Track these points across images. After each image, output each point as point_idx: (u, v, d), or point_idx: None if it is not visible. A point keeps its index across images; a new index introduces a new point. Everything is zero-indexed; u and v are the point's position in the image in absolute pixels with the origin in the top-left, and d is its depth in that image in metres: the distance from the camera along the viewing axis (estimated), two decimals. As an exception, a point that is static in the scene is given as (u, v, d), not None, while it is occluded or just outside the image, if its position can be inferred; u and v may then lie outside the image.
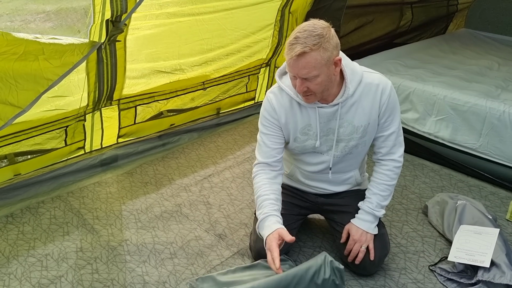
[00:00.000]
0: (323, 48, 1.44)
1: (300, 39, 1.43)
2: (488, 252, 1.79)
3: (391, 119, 1.69)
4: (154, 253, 1.90)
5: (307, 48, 1.42)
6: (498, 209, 2.29)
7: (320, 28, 1.45)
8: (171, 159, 2.68)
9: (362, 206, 1.76)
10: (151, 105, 2.72)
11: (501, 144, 2.50)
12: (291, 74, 1.53)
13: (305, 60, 1.44)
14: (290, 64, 1.48)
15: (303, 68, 1.46)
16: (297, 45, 1.43)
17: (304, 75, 1.48)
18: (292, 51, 1.44)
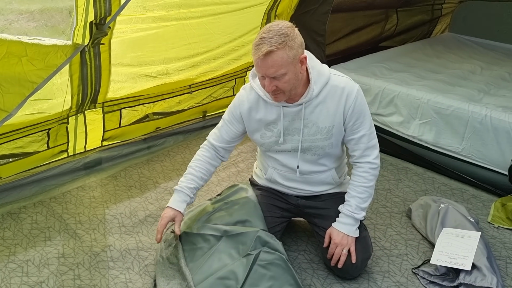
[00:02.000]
0: (288, 46, 1.50)
1: (266, 39, 1.48)
2: (470, 255, 1.82)
3: (360, 122, 1.71)
4: (138, 260, 1.88)
5: (273, 47, 1.47)
6: (480, 211, 2.32)
7: (284, 28, 1.51)
8: (156, 162, 2.66)
9: (342, 210, 1.78)
10: (136, 108, 2.70)
11: (483, 147, 2.54)
12: (259, 74, 1.57)
13: (272, 59, 1.49)
14: (258, 64, 1.52)
15: (271, 67, 1.50)
16: (263, 45, 1.47)
17: (272, 74, 1.52)
18: (258, 51, 1.48)
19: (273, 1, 2.97)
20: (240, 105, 1.76)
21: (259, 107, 1.74)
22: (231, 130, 1.83)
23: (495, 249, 2.05)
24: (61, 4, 2.32)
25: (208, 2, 2.59)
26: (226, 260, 1.63)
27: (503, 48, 4.33)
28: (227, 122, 1.82)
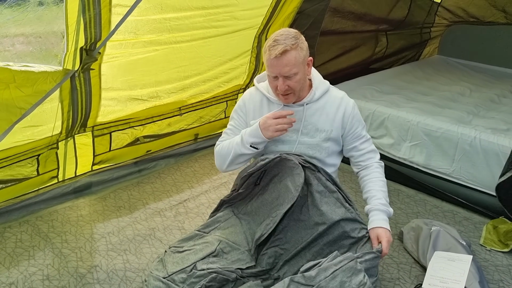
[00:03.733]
0: (300, 47, 1.64)
1: (280, 41, 1.61)
2: (462, 279, 1.80)
3: (360, 129, 1.85)
4: (125, 281, 1.85)
5: (288, 47, 1.61)
6: (472, 234, 2.31)
7: (293, 32, 1.67)
8: (146, 184, 2.65)
9: (375, 206, 1.74)
10: (126, 131, 2.70)
11: (473, 169, 2.55)
12: (272, 75, 1.68)
13: (287, 58, 1.61)
14: (273, 64, 1.64)
15: (285, 66, 1.62)
16: (278, 46, 1.60)
17: (286, 73, 1.64)
18: (274, 51, 1.61)
19: (263, 25, 3.02)
20: (246, 103, 1.86)
21: (263, 106, 1.83)
22: (243, 126, 1.87)
23: (487, 272, 2.03)
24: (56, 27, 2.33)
25: (198, 26, 2.62)
26: None
27: (491, 70, 4.40)
28: (237, 121, 1.89)
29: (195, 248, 1.80)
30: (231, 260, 1.73)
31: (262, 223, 1.78)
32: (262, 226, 1.77)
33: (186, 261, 1.74)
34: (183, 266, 1.71)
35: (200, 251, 1.77)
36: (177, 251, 1.82)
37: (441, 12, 4.64)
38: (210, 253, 1.74)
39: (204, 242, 1.82)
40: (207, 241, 1.81)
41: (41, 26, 2.18)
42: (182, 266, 1.72)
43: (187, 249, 1.81)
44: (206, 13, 2.60)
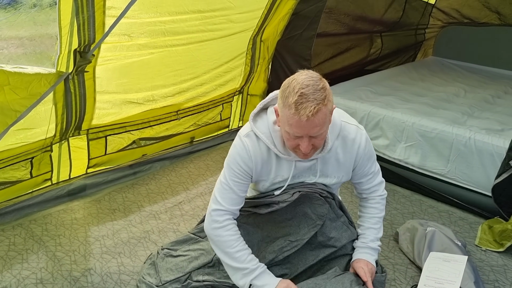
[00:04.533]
0: (328, 100, 1.36)
1: (309, 96, 1.32)
2: (457, 280, 1.80)
3: (369, 166, 1.68)
4: (120, 285, 1.84)
5: (320, 104, 1.32)
6: (467, 234, 2.32)
7: (318, 80, 1.37)
8: (141, 186, 2.64)
9: (357, 244, 1.72)
10: (122, 135, 2.69)
11: (468, 169, 2.55)
12: (294, 135, 1.39)
13: (318, 118, 1.33)
14: (301, 125, 1.34)
15: (316, 126, 1.35)
16: (308, 103, 1.31)
17: (315, 133, 1.38)
18: (304, 110, 1.31)
19: (258, 27, 3.02)
20: (251, 156, 1.53)
21: (271, 161, 1.56)
22: (244, 187, 1.59)
23: (483, 272, 2.04)
24: (50, 30, 2.32)
25: (194, 29, 2.62)
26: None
27: (486, 71, 4.42)
28: (237, 183, 1.56)
29: (190, 255, 1.77)
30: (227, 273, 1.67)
31: (275, 243, 1.68)
32: (276, 247, 1.67)
33: (180, 269, 1.72)
34: (178, 275, 1.70)
35: (196, 260, 1.74)
36: (170, 254, 1.80)
37: (435, 13, 4.66)
38: (206, 263, 1.72)
39: (199, 249, 1.79)
40: (203, 248, 1.78)
41: (35, 29, 2.17)
42: (177, 275, 1.70)
43: (181, 255, 1.79)
44: (202, 17, 2.60)
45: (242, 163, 1.53)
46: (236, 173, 1.55)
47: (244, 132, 1.55)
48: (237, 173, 1.55)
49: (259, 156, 1.53)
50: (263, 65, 3.29)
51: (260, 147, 1.53)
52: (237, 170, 1.54)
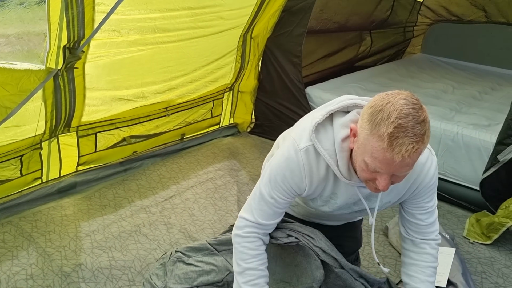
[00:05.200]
0: (427, 136, 1.09)
1: (408, 131, 1.05)
2: (445, 272, 1.83)
3: (427, 201, 1.39)
4: (111, 280, 1.84)
5: (419, 142, 1.06)
6: (455, 227, 2.36)
7: (420, 109, 1.08)
8: (132, 181, 2.64)
9: None
10: (112, 132, 2.68)
11: (456, 164, 2.59)
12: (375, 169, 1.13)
13: (413, 158, 1.07)
14: (390, 163, 1.08)
15: (406, 166, 1.10)
16: (406, 140, 1.04)
17: (402, 173, 1.14)
18: (399, 148, 1.05)
19: (248, 24, 3.03)
20: (305, 180, 1.28)
21: (328, 181, 1.31)
22: (286, 204, 1.37)
23: (470, 264, 2.07)
24: (38, 28, 2.31)
25: (184, 26, 2.62)
26: None
27: (473, 68, 4.48)
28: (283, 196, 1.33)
29: (201, 268, 1.72)
30: None
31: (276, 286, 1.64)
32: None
33: (188, 280, 1.69)
34: (184, 285, 1.67)
35: (206, 275, 1.70)
36: (182, 260, 1.76)
37: (424, 11, 4.71)
38: (215, 282, 1.69)
39: (212, 264, 1.73)
40: (216, 264, 1.73)
41: (22, 26, 2.15)
42: (183, 285, 1.67)
43: (193, 264, 1.74)
44: (193, 13, 2.60)
45: (293, 182, 1.29)
46: (281, 190, 1.31)
47: (302, 144, 1.26)
48: (283, 190, 1.31)
49: (315, 177, 1.28)
50: (253, 62, 3.30)
51: (319, 165, 1.27)
52: (284, 187, 1.31)
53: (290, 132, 1.40)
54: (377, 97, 1.12)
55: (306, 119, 1.34)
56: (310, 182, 1.29)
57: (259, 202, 1.35)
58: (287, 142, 1.32)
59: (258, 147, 3.25)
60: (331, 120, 1.25)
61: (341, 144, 1.22)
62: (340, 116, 1.25)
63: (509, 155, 2.18)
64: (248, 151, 3.17)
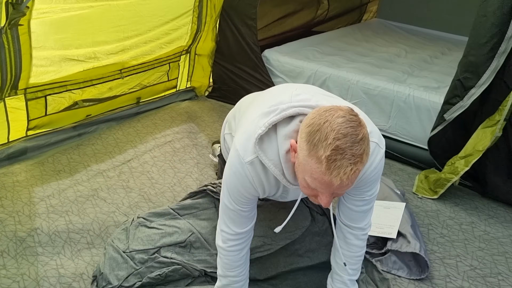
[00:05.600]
0: (367, 154, 1.06)
1: (346, 152, 1.02)
2: (395, 224, 1.94)
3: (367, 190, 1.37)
4: (69, 243, 1.81)
5: (358, 163, 1.03)
6: (405, 183, 2.48)
7: (358, 126, 1.04)
8: (87, 146, 2.56)
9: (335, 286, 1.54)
10: (63, 95, 2.57)
11: (407, 125, 2.70)
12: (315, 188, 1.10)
13: (353, 178, 1.05)
14: (329, 184, 1.06)
15: (346, 186, 1.07)
16: (344, 162, 1.02)
17: (341, 192, 1.12)
18: (338, 171, 1.02)
19: (204, -17, 2.94)
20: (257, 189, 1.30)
21: (279, 187, 1.34)
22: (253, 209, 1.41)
23: (418, 217, 2.20)
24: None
25: (136, -18, 2.51)
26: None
27: (425, 33, 4.62)
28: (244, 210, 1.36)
29: (164, 230, 1.73)
30: (198, 258, 1.68)
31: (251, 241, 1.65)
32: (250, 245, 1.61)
33: (151, 242, 1.69)
34: (147, 247, 1.67)
35: (169, 236, 1.71)
36: (144, 224, 1.76)
37: (380, -24, 4.75)
38: (178, 242, 1.70)
39: (175, 226, 1.75)
40: (179, 226, 1.74)
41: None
42: (146, 246, 1.67)
43: (156, 227, 1.75)
44: (144, -31, 2.49)
45: (246, 193, 1.31)
46: (239, 201, 1.33)
47: (246, 158, 1.24)
48: (241, 201, 1.33)
49: (266, 185, 1.29)
50: (210, 24, 3.22)
51: (267, 175, 1.27)
52: (241, 198, 1.32)
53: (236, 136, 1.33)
54: (316, 113, 1.07)
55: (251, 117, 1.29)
56: (262, 190, 1.30)
57: (227, 213, 1.37)
58: (232, 154, 1.29)
59: (216, 110, 3.24)
60: (275, 129, 1.21)
61: (285, 156, 1.19)
62: (284, 125, 1.20)
63: (454, 114, 2.29)
64: (206, 115, 3.15)
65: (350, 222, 1.43)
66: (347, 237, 1.46)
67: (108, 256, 1.62)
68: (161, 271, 1.60)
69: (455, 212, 2.27)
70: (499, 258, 1.98)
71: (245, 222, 1.39)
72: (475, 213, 2.28)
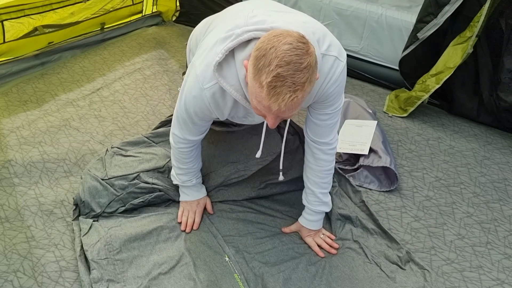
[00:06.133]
0: (310, 82, 1.07)
1: (286, 80, 1.03)
2: (367, 141, 2.01)
3: (329, 105, 1.38)
4: (46, 173, 1.80)
5: (298, 91, 1.05)
6: (377, 103, 2.54)
7: (304, 54, 1.04)
8: (52, 75, 2.46)
9: (309, 205, 1.60)
10: (21, 20, 2.40)
11: (379, 45, 2.71)
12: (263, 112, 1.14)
13: (293, 105, 1.07)
14: (270, 109, 1.09)
15: (287, 111, 1.09)
16: (283, 89, 1.03)
17: (286, 116, 1.15)
18: (276, 97, 1.05)
19: None
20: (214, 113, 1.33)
21: (239, 109, 1.35)
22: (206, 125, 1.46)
23: (389, 135, 2.28)
24: None
25: None
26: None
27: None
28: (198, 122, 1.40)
29: (141, 157, 1.72)
30: None
31: (224, 168, 1.71)
32: (225, 172, 1.71)
33: (129, 168, 1.67)
34: (126, 172, 1.66)
35: (147, 162, 1.70)
36: (120, 153, 1.74)
37: None
38: (157, 167, 1.70)
39: (152, 153, 1.74)
40: (155, 153, 1.74)
41: None
42: (125, 172, 1.66)
43: (132, 155, 1.73)
44: None
45: (203, 114, 1.34)
46: (195, 119, 1.37)
47: (206, 84, 1.25)
48: (197, 119, 1.37)
49: (225, 109, 1.32)
50: None
51: (225, 100, 1.29)
52: (197, 117, 1.36)
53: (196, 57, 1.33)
54: (265, 38, 1.07)
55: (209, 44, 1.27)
56: (221, 114, 1.33)
57: (180, 121, 1.42)
58: (192, 79, 1.29)
59: (185, 36, 3.12)
60: (233, 55, 1.20)
61: (244, 80, 1.19)
62: (241, 49, 1.18)
63: (428, 32, 2.30)
64: (175, 40, 3.05)
65: (316, 137, 1.46)
66: (315, 153, 1.50)
67: (87, 185, 1.62)
68: (144, 198, 1.63)
69: (423, 129, 2.37)
70: (462, 169, 2.11)
71: (197, 133, 1.46)
72: (441, 129, 2.39)
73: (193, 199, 1.65)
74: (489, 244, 1.70)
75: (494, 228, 1.78)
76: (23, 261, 1.44)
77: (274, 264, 1.50)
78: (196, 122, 1.39)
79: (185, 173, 1.60)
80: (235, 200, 1.74)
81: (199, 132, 1.47)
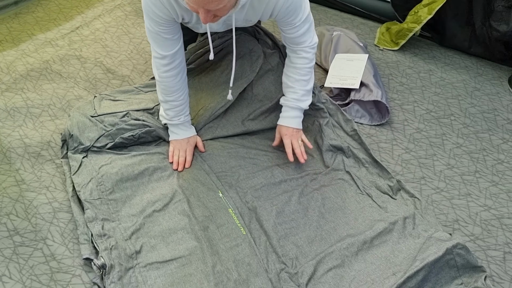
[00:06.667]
0: None
1: None
2: (358, 75, 1.97)
3: (292, 19, 1.44)
4: (31, 117, 1.75)
5: None
6: (367, 36, 2.48)
7: None
8: (27, 14, 2.33)
9: (286, 102, 1.62)
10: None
11: (371, -25, 2.59)
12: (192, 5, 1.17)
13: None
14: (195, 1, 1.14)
15: (212, 3, 1.13)
16: None
17: (213, 8, 1.17)
18: None
19: None
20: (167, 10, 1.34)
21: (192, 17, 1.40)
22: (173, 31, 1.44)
23: (380, 68, 2.25)
24: None
25: None
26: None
27: None
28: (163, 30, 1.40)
29: (130, 101, 1.70)
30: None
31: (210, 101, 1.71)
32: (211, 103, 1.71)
33: (119, 108, 1.65)
34: (115, 110, 1.64)
35: (137, 104, 1.69)
36: (109, 99, 1.71)
37: None
38: (147, 108, 1.68)
39: (141, 98, 1.73)
40: (145, 98, 1.73)
41: None
42: (115, 110, 1.64)
43: (122, 100, 1.71)
44: None
45: (162, 14, 1.35)
46: (158, 22, 1.38)
47: None
48: (158, 22, 1.38)
49: (177, 9, 1.34)
50: None
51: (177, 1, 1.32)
52: (158, 19, 1.37)
53: None
54: None
55: None
56: (176, 14, 1.35)
57: (152, 36, 1.43)
58: None
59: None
60: None
61: None
62: None
63: (421, -41, 2.20)
64: (155, -25, 2.87)
65: (295, 45, 1.54)
66: (297, 52, 1.56)
67: (76, 120, 1.58)
68: (134, 132, 1.60)
69: (414, 62, 2.33)
70: (452, 101, 2.10)
71: (170, 45, 1.46)
72: (432, 62, 2.35)
73: (183, 137, 1.63)
74: (477, 173, 1.74)
75: (482, 158, 1.81)
76: (15, 204, 1.43)
77: (267, 198, 1.51)
78: (161, 28, 1.39)
79: (172, 107, 1.58)
80: (226, 136, 1.72)
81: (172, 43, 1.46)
